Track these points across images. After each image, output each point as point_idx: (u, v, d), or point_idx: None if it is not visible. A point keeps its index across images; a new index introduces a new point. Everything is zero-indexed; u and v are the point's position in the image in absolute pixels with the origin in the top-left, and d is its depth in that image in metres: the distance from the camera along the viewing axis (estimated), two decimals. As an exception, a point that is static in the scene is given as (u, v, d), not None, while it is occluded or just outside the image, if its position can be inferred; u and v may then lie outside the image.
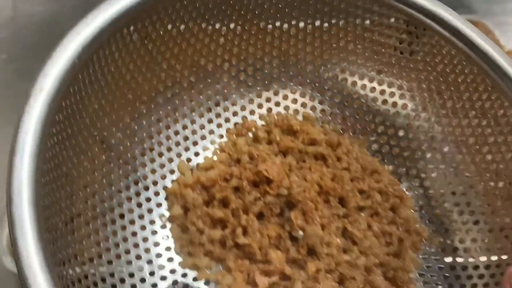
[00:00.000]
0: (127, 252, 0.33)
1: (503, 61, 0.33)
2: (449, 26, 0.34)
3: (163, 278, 0.33)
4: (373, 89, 0.40)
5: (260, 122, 0.39)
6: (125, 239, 0.33)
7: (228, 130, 0.39)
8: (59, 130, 0.27)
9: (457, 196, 0.37)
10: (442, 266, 0.36)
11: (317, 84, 0.40)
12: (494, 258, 0.35)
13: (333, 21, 0.37)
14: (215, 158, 0.37)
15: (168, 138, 0.37)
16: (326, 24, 0.38)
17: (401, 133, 0.39)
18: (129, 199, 0.34)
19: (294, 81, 0.40)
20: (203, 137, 0.38)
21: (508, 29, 0.61)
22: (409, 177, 0.39)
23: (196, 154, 0.38)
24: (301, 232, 0.34)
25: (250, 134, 0.39)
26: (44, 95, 0.25)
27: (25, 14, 0.64)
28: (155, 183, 0.36)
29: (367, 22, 0.37)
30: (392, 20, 0.36)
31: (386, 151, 0.40)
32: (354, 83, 0.40)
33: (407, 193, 0.38)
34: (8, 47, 0.65)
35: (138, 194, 0.35)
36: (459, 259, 0.36)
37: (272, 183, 0.35)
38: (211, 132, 0.38)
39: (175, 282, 0.33)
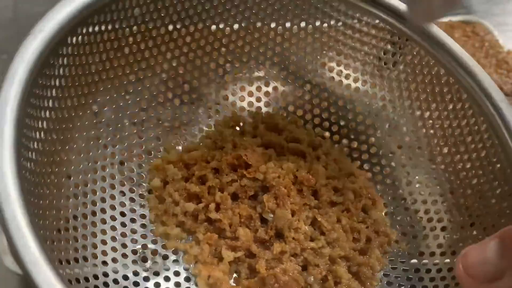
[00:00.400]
0: (103, 211, 0.35)
1: (477, 71, 0.36)
2: (429, 37, 0.37)
3: (134, 240, 0.35)
4: (358, 99, 0.42)
5: (248, 120, 0.42)
6: (103, 199, 0.35)
7: (216, 122, 0.42)
8: (52, 75, 0.30)
9: (428, 204, 0.39)
10: (407, 268, 0.37)
11: (307, 90, 0.43)
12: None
13: (324, 25, 0.40)
14: (201, 144, 0.40)
15: (158, 119, 0.40)
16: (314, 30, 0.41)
17: (382, 142, 0.42)
18: (112, 165, 0.37)
19: (287, 84, 0.43)
20: (192, 125, 0.41)
21: (507, 29, 0.63)
22: (385, 184, 0.41)
23: (184, 139, 0.40)
24: (271, 215, 0.36)
25: (238, 128, 0.41)
26: (42, 35, 0.29)
27: (25, 14, 0.67)
28: (140, 156, 0.38)
29: (355, 32, 0.40)
30: (377, 30, 0.39)
31: (366, 158, 0.42)
32: (341, 91, 0.43)
33: (380, 197, 0.40)
34: (8, 48, 0.67)
35: (122, 162, 0.37)
36: (424, 262, 0.37)
37: (250, 167, 0.37)
38: (200, 121, 0.41)
39: (144, 247, 0.35)
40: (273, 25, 0.41)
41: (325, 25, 0.40)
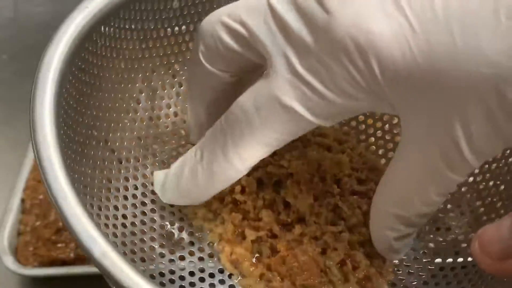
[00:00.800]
0: (135, 187, 0.39)
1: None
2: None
3: (162, 216, 0.38)
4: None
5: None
6: (135, 177, 0.39)
7: None
8: (93, 52, 0.35)
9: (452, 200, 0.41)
10: (430, 260, 0.39)
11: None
12: None
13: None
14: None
15: None
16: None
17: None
18: (145, 148, 0.41)
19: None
20: None
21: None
22: None
23: None
24: (294, 199, 0.38)
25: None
26: (87, 11, 0.34)
27: (25, 14, 0.71)
28: (172, 143, 0.42)
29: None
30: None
31: (391, 156, 0.44)
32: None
33: None
34: (8, 48, 0.70)
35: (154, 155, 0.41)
36: (448, 260, 0.39)
37: (276, 155, 0.40)
38: None
39: (172, 223, 0.38)
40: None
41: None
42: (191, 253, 0.37)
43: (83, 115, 0.35)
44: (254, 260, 0.37)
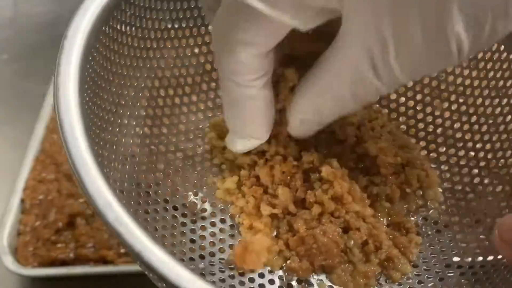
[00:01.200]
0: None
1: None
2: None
3: (185, 186, 0.38)
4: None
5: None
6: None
7: None
8: (125, 12, 0.35)
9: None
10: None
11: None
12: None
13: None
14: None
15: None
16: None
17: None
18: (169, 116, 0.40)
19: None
20: None
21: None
22: (438, 162, 0.42)
23: None
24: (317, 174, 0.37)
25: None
26: None
27: (25, 14, 0.72)
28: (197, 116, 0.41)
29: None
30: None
31: (422, 136, 0.43)
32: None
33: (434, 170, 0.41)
34: (8, 48, 0.71)
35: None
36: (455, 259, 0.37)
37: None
38: None
39: (195, 193, 0.38)
40: None
41: None
42: (213, 224, 0.37)
43: (110, 83, 0.35)
44: (274, 235, 0.36)
